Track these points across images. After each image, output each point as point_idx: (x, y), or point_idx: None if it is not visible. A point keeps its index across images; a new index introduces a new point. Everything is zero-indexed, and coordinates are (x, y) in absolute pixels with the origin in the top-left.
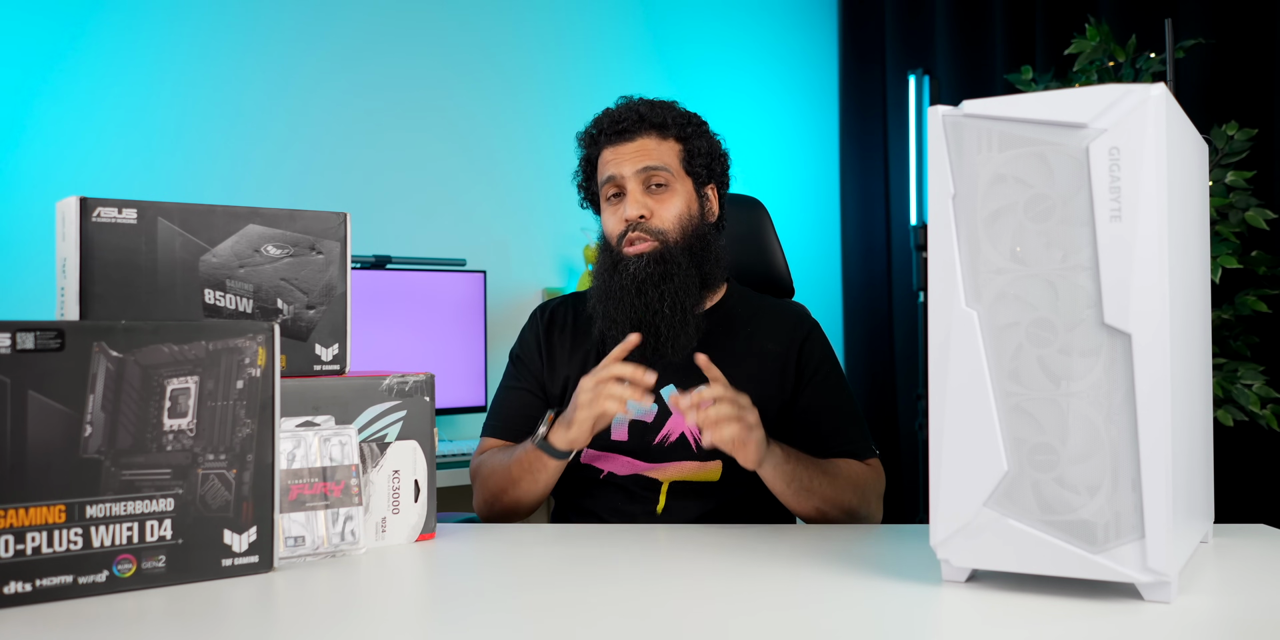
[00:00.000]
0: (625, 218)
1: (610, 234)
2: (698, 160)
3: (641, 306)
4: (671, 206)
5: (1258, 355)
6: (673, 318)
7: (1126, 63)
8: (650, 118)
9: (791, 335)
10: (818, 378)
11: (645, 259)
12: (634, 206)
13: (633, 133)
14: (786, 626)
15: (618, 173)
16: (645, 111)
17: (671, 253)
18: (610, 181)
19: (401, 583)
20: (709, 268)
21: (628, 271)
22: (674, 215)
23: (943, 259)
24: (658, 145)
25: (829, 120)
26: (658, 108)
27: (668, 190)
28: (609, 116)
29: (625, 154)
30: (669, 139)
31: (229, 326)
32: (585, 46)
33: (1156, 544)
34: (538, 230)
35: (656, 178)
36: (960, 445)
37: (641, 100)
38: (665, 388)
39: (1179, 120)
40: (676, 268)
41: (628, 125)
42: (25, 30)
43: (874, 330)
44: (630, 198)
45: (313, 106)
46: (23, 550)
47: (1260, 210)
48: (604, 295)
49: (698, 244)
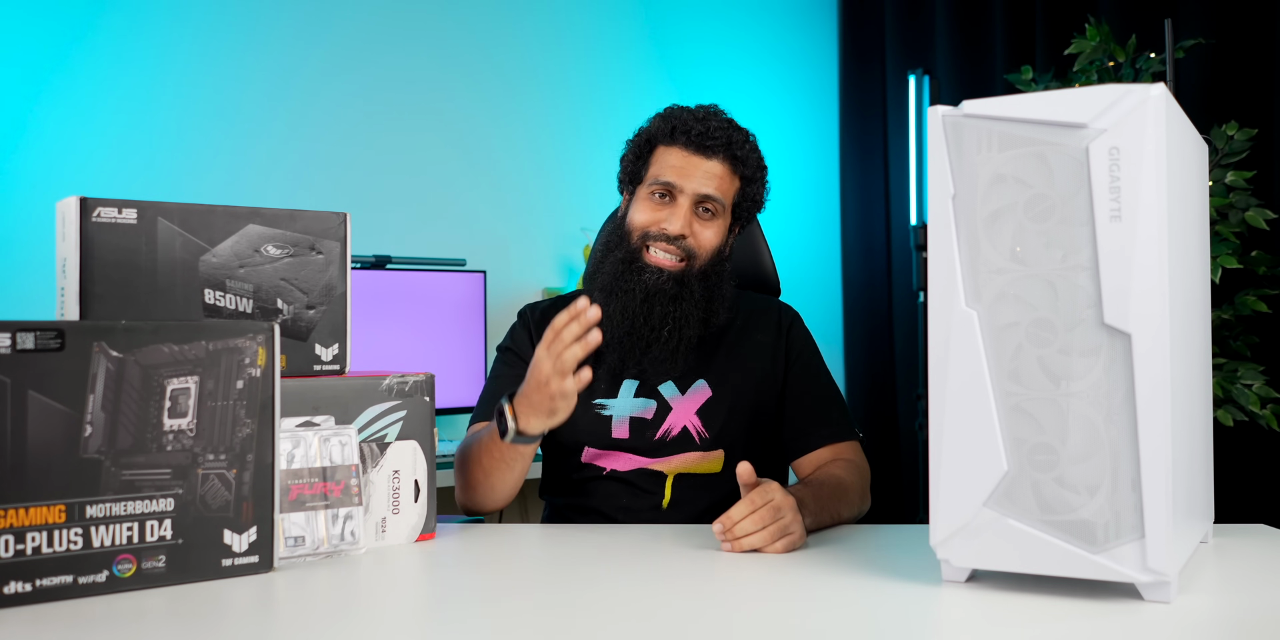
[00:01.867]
0: (665, 229)
1: (635, 226)
2: (745, 204)
3: (643, 318)
4: (710, 235)
5: (1258, 355)
6: (668, 342)
7: (1126, 63)
8: (735, 147)
9: (778, 324)
10: (802, 361)
11: (665, 275)
12: (679, 223)
13: (712, 151)
14: (787, 626)
15: (680, 184)
16: (735, 139)
17: (691, 276)
18: (667, 184)
19: (401, 583)
20: (715, 305)
21: (640, 277)
22: (710, 245)
23: (943, 259)
24: (726, 175)
25: (829, 120)
26: (746, 142)
27: (713, 219)
28: (701, 123)
29: (696, 168)
30: (736, 174)
31: (229, 326)
32: (585, 46)
33: (1156, 544)
34: (538, 230)
35: (710, 205)
36: (960, 445)
37: (732, 123)
38: (664, 385)
39: (1179, 120)
40: (689, 293)
41: (715, 143)
42: (26, 31)
43: (874, 330)
44: (679, 212)
45: (313, 106)
46: (23, 550)
47: (1260, 210)
48: (609, 286)
49: (715, 277)
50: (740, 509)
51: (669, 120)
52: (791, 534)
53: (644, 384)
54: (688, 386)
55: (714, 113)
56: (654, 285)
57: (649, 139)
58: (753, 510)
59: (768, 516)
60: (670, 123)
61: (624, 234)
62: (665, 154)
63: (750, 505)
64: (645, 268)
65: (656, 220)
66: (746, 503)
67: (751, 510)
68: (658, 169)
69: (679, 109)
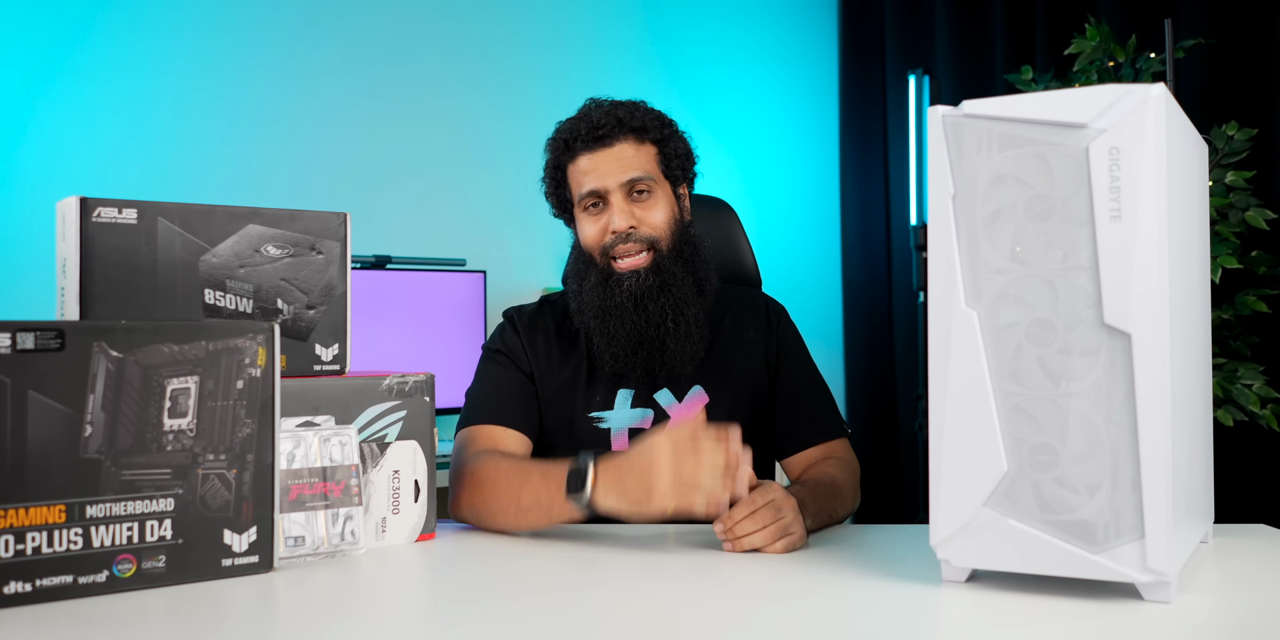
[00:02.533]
0: (613, 230)
1: (591, 244)
2: (674, 162)
3: (643, 322)
4: (657, 212)
5: (1258, 355)
6: (676, 330)
7: (1126, 63)
8: (629, 122)
9: (767, 320)
10: (791, 357)
11: (642, 273)
12: (622, 218)
13: (611, 138)
14: (786, 626)
15: (600, 186)
16: (623, 116)
17: (665, 262)
18: (591, 194)
19: (401, 583)
20: (702, 274)
21: (621, 287)
22: (662, 221)
23: (943, 259)
24: (635, 151)
25: (829, 120)
26: (635, 111)
27: (650, 196)
28: (586, 122)
29: (606, 162)
30: (646, 142)
31: (229, 326)
32: (585, 46)
33: (1156, 544)
34: (538, 230)
35: (639, 186)
36: (960, 445)
37: (614, 103)
38: (659, 393)
39: (1179, 120)
40: (673, 277)
41: (606, 131)
42: (27, 31)
43: (874, 330)
44: (616, 208)
45: (313, 106)
46: (23, 550)
47: (1260, 210)
48: (599, 312)
49: (688, 249)
50: (741, 509)
51: (559, 137)
52: (792, 534)
53: (639, 393)
54: (683, 393)
55: (594, 106)
56: (638, 289)
57: (555, 165)
58: (753, 510)
59: (768, 516)
60: (561, 138)
61: (587, 258)
62: (574, 167)
63: (750, 505)
64: (622, 278)
65: (603, 228)
66: (747, 503)
67: (752, 510)
68: (576, 184)
69: (563, 122)
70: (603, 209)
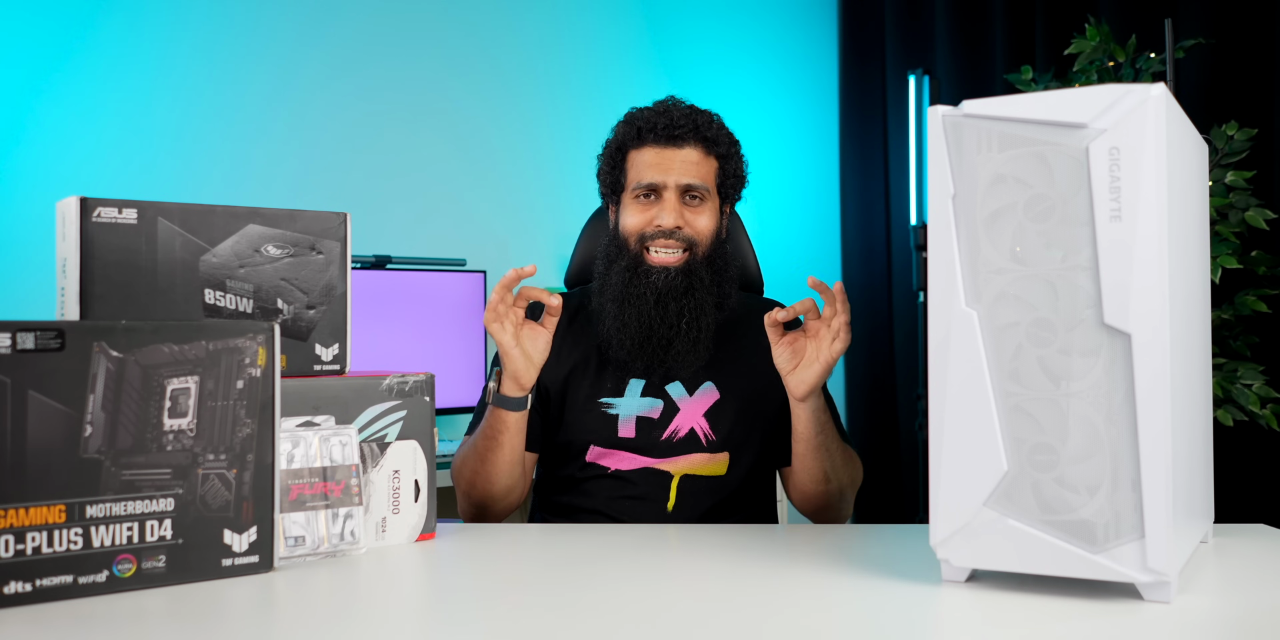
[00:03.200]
0: (659, 224)
1: (631, 230)
2: (729, 181)
3: (659, 318)
4: (704, 219)
5: (1258, 355)
6: (688, 333)
7: (1126, 63)
8: (704, 130)
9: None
10: None
11: (672, 271)
12: (671, 215)
13: (683, 140)
14: (787, 626)
15: (660, 181)
16: (701, 123)
17: (697, 266)
18: (649, 186)
19: (401, 583)
20: (725, 287)
21: (648, 280)
22: (706, 228)
23: (943, 259)
24: (701, 159)
25: (829, 120)
26: (711, 122)
27: (702, 204)
28: (665, 117)
29: (671, 161)
30: (712, 155)
31: (229, 326)
32: (585, 46)
33: (1156, 544)
34: (538, 230)
35: (695, 191)
36: (960, 445)
37: (693, 108)
38: (671, 385)
39: (1179, 120)
40: (699, 282)
41: (682, 132)
42: (27, 30)
43: (874, 330)
44: (668, 206)
45: (313, 106)
46: (23, 550)
47: (1260, 210)
48: (619, 297)
49: (719, 262)
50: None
51: (633, 123)
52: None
53: (650, 383)
54: (695, 387)
55: (673, 104)
56: (663, 285)
57: (619, 147)
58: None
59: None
60: (635, 125)
61: (621, 242)
62: (639, 156)
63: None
64: (651, 270)
65: (649, 219)
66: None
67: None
68: (636, 172)
69: (639, 110)
70: (654, 202)
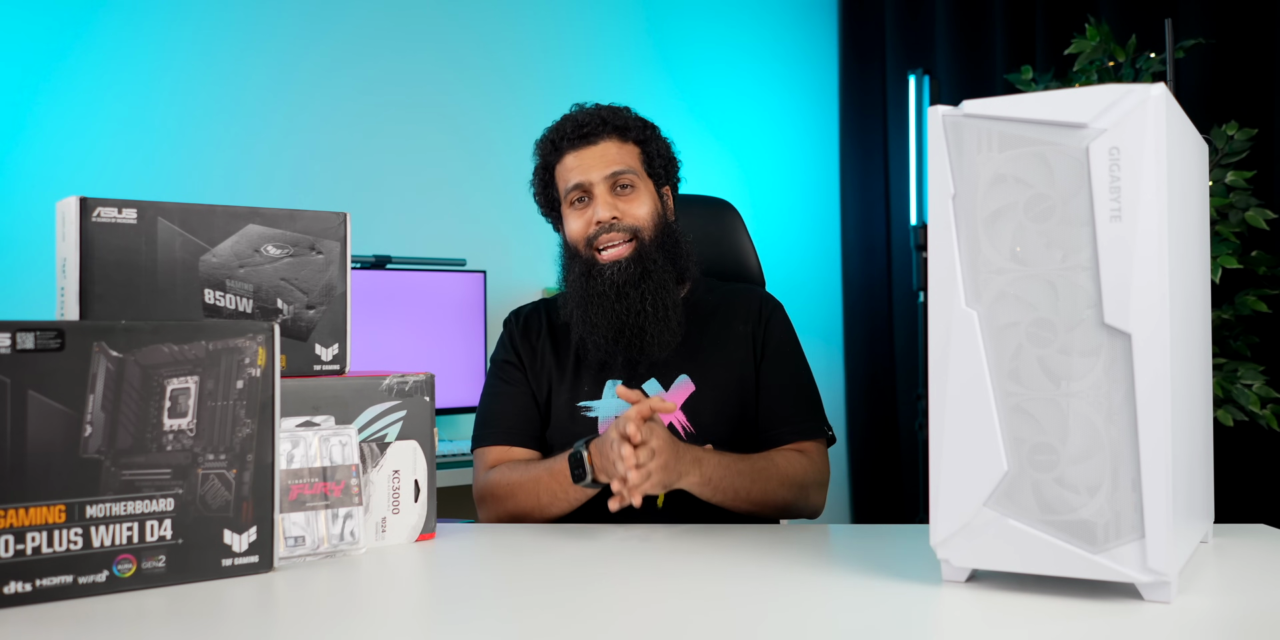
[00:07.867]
0: (596, 220)
1: (576, 238)
2: (656, 162)
3: (623, 310)
4: (639, 205)
5: (1258, 355)
6: (655, 315)
7: (1126, 63)
8: (612, 121)
9: (759, 314)
10: (778, 353)
11: (624, 263)
12: (605, 209)
13: (595, 137)
14: (787, 626)
15: (585, 179)
16: (607, 116)
17: (647, 251)
18: (577, 187)
19: (401, 583)
20: (682, 262)
21: (604, 277)
22: (644, 213)
23: (943, 259)
24: (619, 148)
25: (829, 120)
26: (617, 112)
27: (633, 191)
28: (571, 122)
29: (590, 159)
30: (629, 142)
31: (229, 326)
32: (585, 46)
33: (1156, 544)
34: (538, 230)
35: (622, 180)
36: (960, 445)
37: (598, 105)
38: (647, 382)
39: (1179, 120)
40: (653, 265)
41: (590, 129)
42: (26, 29)
43: (874, 330)
44: (600, 200)
45: (313, 106)
46: (23, 550)
47: (1260, 210)
48: (582, 301)
49: (669, 241)
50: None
51: (547, 139)
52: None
53: (626, 383)
54: (670, 382)
55: (578, 109)
56: (619, 278)
57: (544, 165)
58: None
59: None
60: (549, 139)
61: (573, 251)
62: (561, 166)
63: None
64: (605, 269)
65: (588, 220)
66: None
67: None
68: (562, 181)
69: (550, 126)
70: (587, 204)
